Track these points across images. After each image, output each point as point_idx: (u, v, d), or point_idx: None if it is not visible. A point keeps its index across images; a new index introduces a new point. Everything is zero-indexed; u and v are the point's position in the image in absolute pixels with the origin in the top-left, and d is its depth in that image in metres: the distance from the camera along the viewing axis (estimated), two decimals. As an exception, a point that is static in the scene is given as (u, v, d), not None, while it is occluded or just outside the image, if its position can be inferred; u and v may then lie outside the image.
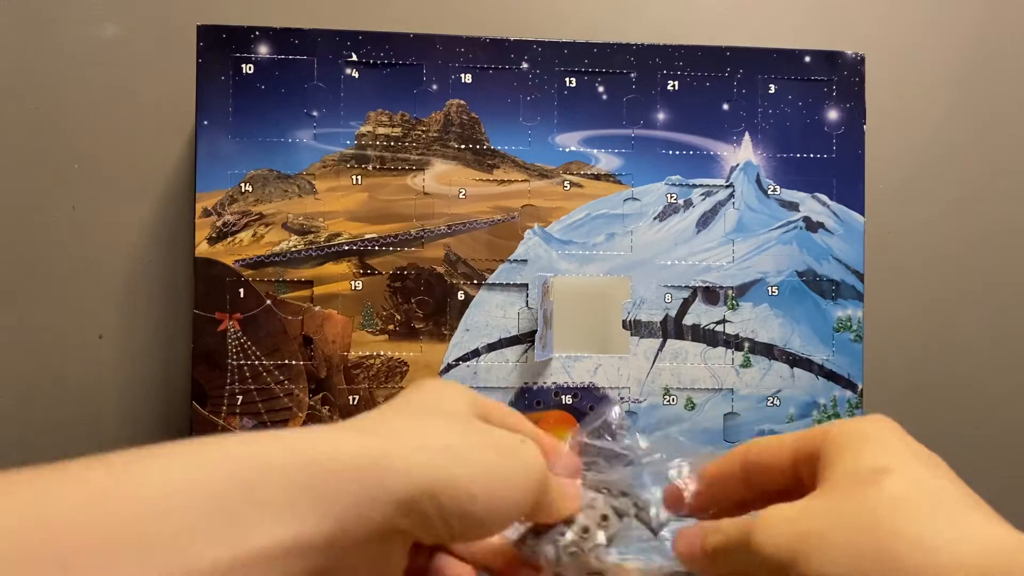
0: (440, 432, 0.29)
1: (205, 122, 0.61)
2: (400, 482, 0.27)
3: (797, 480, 0.33)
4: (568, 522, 0.34)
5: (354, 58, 0.62)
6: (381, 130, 0.62)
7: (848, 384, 0.64)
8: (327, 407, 0.60)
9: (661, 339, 0.64)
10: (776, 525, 0.29)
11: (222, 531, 0.24)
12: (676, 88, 0.64)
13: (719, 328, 0.64)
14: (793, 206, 0.65)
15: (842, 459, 0.30)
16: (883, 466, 0.28)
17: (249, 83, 0.61)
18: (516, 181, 0.63)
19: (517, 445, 0.31)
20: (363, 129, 0.62)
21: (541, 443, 0.34)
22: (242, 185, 0.61)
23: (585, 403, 0.63)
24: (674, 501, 0.35)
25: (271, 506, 0.24)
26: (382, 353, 0.61)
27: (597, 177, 0.64)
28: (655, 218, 0.64)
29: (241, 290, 0.60)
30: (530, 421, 0.35)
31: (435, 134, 0.62)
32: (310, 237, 0.61)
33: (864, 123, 0.65)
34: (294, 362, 0.60)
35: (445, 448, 0.28)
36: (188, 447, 0.25)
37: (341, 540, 0.26)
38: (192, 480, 0.24)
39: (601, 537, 0.34)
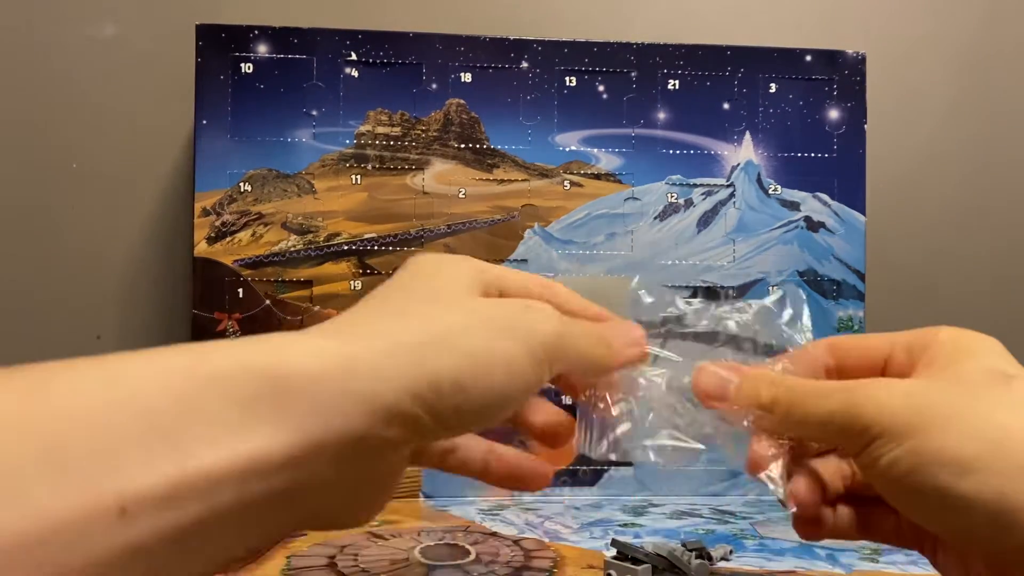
0: (421, 323, 0.26)
1: (204, 121, 0.60)
2: (371, 388, 0.23)
3: (883, 366, 0.32)
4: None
5: (353, 57, 0.62)
6: (381, 129, 0.62)
7: (849, 384, 0.64)
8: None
9: (662, 339, 0.63)
10: (892, 392, 0.27)
11: (157, 451, 0.20)
12: (677, 87, 0.64)
13: (720, 328, 0.64)
14: (794, 206, 0.65)
15: (958, 360, 0.29)
16: (1013, 373, 0.28)
17: (248, 82, 0.61)
18: (516, 181, 0.63)
19: (518, 313, 0.28)
20: (362, 128, 0.62)
21: (580, 309, 0.32)
22: (241, 185, 0.61)
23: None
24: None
25: (216, 422, 0.21)
26: (382, 353, 0.61)
27: (597, 176, 0.63)
28: (656, 218, 0.64)
29: (240, 290, 0.60)
30: (567, 290, 0.32)
31: (435, 133, 0.62)
32: (309, 237, 0.61)
33: (865, 122, 0.65)
34: (293, 362, 0.60)
35: (422, 343, 0.25)
36: (119, 359, 0.22)
37: (308, 456, 0.22)
38: (121, 394, 0.21)
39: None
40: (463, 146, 0.62)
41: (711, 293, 0.64)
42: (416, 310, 0.27)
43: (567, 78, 0.63)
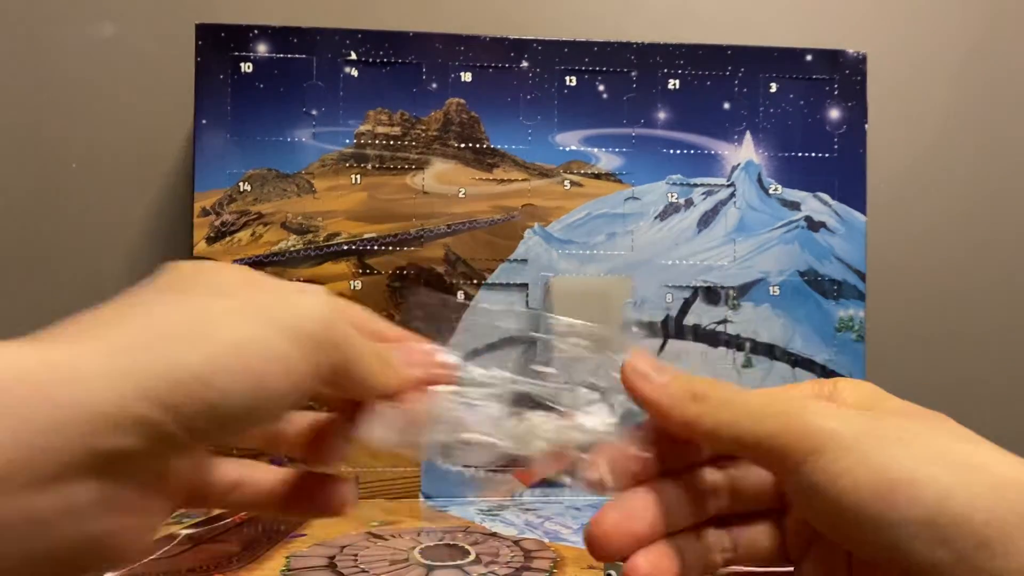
0: (163, 315, 0.22)
1: (204, 121, 0.60)
2: (83, 392, 0.19)
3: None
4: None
5: (353, 57, 0.61)
6: (380, 129, 0.62)
7: (850, 384, 0.64)
8: (326, 407, 0.60)
9: (662, 339, 0.63)
10: (838, 411, 0.26)
11: None
12: (677, 87, 0.64)
13: (720, 328, 0.64)
14: (794, 205, 0.65)
15: (879, 402, 0.29)
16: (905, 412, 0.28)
17: (248, 82, 0.61)
18: (516, 180, 0.63)
19: (287, 296, 0.24)
20: (362, 128, 0.62)
21: (376, 331, 0.28)
22: (241, 184, 0.61)
23: (585, 403, 0.62)
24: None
25: None
26: (381, 353, 0.61)
27: (598, 176, 0.63)
28: (656, 217, 0.64)
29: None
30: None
31: (435, 133, 0.62)
32: (309, 237, 0.61)
33: (866, 122, 0.65)
34: (293, 362, 0.60)
35: (161, 336, 0.21)
36: None
37: (23, 482, 0.19)
38: None
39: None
40: (463, 146, 0.62)
41: (711, 293, 0.64)
42: (160, 302, 0.23)
43: (567, 78, 0.63)
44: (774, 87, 0.64)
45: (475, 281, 0.62)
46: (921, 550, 0.23)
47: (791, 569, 0.31)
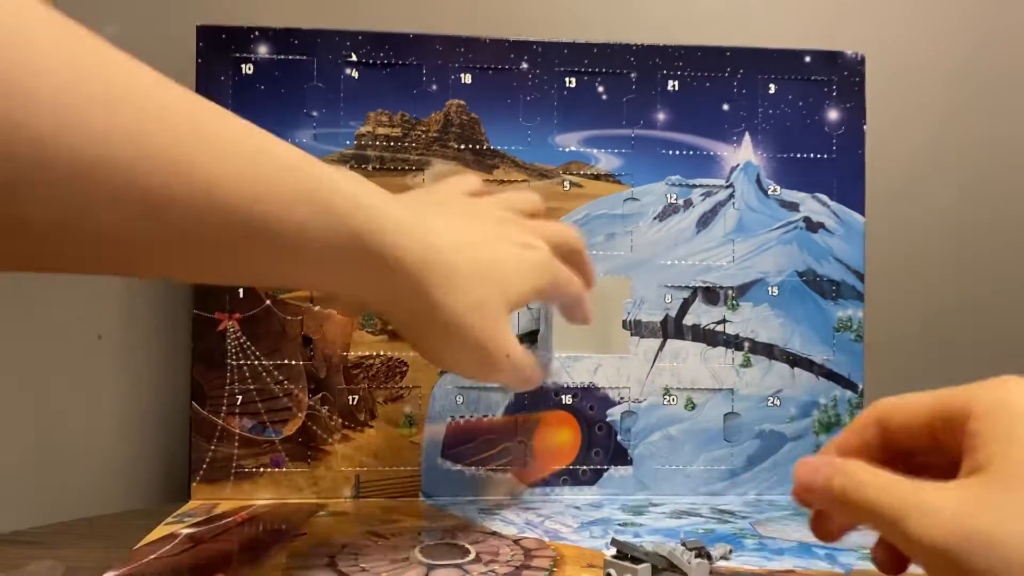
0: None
1: (205, 122, 0.60)
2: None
3: (934, 440, 0.32)
4: None
5: (354, 58, 0.62)
6: (381, 130, 0.62)
7: (848, 384, 0.64)
8: (326, 407, 0.60)
9: (661, 339, 0.64)
10: (938, 516, 0.28)
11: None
12: (676, 88, 0.64)
13: (719, 328, 0.64)
14: (793, 206, 0.65)
15: (1002, 443, 0.28)
16: None
17: (249, 83, 0.61)
18: (516, 181, 0.63)
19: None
20: (363, 129, 0.62)
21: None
22: (242, 185, 0.61)
23: (585, 403, 0.63)
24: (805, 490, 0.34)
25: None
26: (382, 353, 0.61)
27: (597, 177, 0.64)
28: (655, 218, 0.64)
29: (241, 290, 0.60)
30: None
31: (435, 134, 0.62)
32: (310, 237, 0.61)
33: (864, 123, 0.65)
34: (294, 362, 0.60)
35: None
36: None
37: None
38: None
39: None
40: (463, 147, 0.62)
41: (710, 293, 0.64)
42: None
43: (567, 79, 0.63)
44: (773, 88, 0.65)
45: (475, 281, 0.62)
46: None
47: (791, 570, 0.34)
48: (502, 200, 0.49)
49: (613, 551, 0.43)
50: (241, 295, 0.60)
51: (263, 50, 0.61)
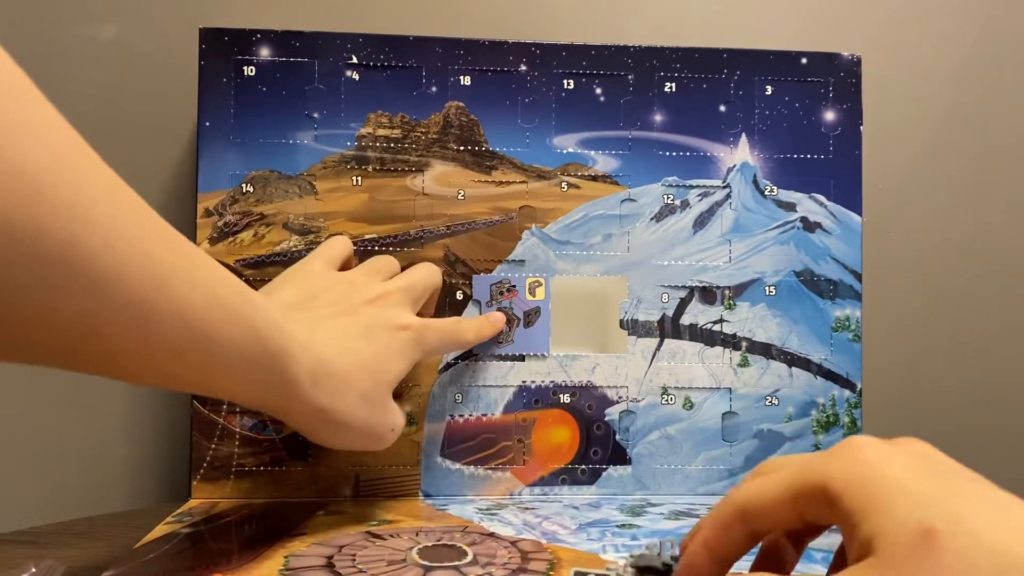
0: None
1: (207, 123, 0.61)
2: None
3: (804, 521, 0.31)
4: None
5: (354, 60, 0.62)
6: (381, 132, 0.62)
7: (847, 384, 0.65)
8: None
9: (659, 339, 0.64)
10: None
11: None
12: (673, 90, 0.64)
13: (716, 328, 0.64)
14: (790, 206, 0.65)
15: (876, 516, 0.27)
16: (936, 526, 0.26)
17: (250, 85, 0.61)
18: (514, 182, 0.63)
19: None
20: (363, 131, 0.62)
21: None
22: (243, 186, 0.61)
23: (583, 402, 0.63)
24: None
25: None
26: (381, 353, 0.61)
27: (594, 178, 0.64)
28: (652, 219, 0.64)
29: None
30: None
31: (434, 136, 0.63)
32: (311, 237, 0.62)
33: (861, 124, 0.66)
34: (294, 362, 0.61)
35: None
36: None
37: None
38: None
39: None
40: (462, 148, 0.63)
41: (707, 293, 0.64)
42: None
43: (565, 81, 0.64)
44: (769, 90, 0.65)
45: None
46: None
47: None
48: (369, 268, 0.56)
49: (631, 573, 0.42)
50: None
51: (265, 52, 0.61)
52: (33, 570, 0.39)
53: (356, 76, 0.62)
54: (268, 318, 0.40)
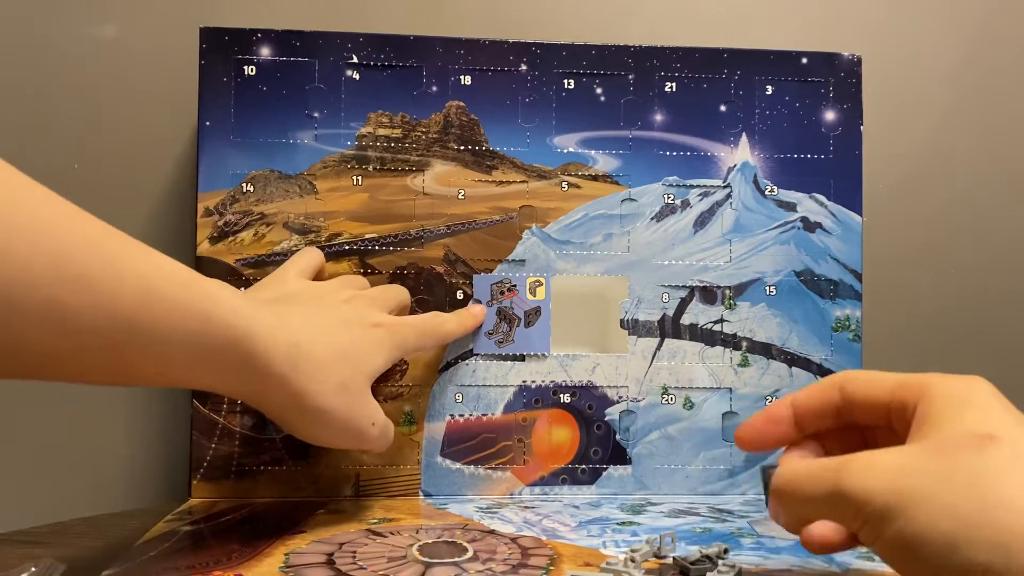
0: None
1: (207, 123, 0.61)
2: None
3: (887, 421, 0.34)
4: None
5: (355, 60, 0.62)
6: (381, 131, 0.62)
7: (846, 384, 0.64)
8: None
9: (659, 338, 0.64)
10: (874, 472, 0.29)
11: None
12: (673, 89, 0.64)
13: (717, 328, 0.64)
14: (790, 206, 0.65)
15: (944, 419, 0.31)
16: (988, 433, 0.29)
17: (251, 85, 0.61)
18: (515, 182, 0.63)
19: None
20: (363, 130, 0.62)
21: None
22: (244, 185, 0.61)
23: (584, 402, 0.63)
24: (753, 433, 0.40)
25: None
26: (382, 352, 0.61)
27: (595, 178, 0.64)
28: (652, 218, 0.64)
29: (243, 289, 0.61)
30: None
31: (435, 135, 0.63)
32: (311, 237, 0.62)
33: (861, 124, 0.66)
34: (294, 361, 0.61)
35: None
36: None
37: None
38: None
39: None
40: (463, 148, 0.63)
41: (708, 293, 0.64)
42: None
43: (565, 80, 0.64)
44: (769, 89, 0.65)
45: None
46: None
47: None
48: (340, 280, 0.57)
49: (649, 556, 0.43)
50: (242, 295, 0.60)
51: (265, 52, 0.61)
52: (33, 570, 0.39)
53: (356, 76, 0.62)
54: (223, 304, 0.40)
